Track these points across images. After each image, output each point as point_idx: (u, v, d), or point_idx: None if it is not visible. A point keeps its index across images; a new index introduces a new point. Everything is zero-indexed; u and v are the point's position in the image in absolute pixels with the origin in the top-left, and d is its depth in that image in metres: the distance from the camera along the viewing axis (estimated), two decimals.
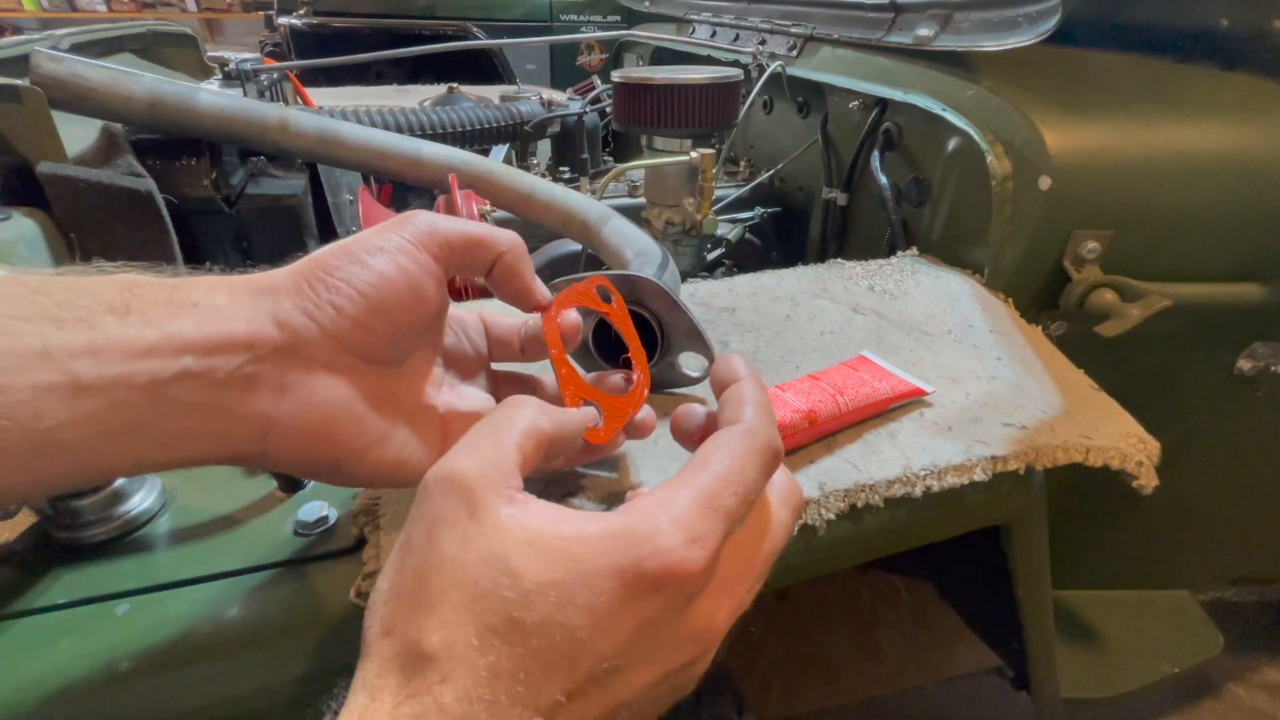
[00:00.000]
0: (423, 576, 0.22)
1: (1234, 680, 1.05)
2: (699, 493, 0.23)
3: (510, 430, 0.25)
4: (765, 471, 0.25)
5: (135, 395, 0.23)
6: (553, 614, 0.21)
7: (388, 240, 0.27)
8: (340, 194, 0.86)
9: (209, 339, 0.24)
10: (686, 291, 0.60)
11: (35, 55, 0.55)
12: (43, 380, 0.21)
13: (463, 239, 0.29)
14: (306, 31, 2.17)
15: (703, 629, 0.24)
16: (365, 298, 0.26)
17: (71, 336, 0.22)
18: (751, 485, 0.24)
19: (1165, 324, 0.58)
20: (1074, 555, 0.79)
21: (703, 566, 0.22)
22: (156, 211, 0.57)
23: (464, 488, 0.23)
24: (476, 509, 0.22)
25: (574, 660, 0.21)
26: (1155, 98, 0.63)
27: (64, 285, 0.23)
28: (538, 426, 0.26)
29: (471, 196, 0.58)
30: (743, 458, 0.24)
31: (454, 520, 0.22)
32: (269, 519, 0.36)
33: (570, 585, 0.21)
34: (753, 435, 0.25)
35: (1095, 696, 0.74)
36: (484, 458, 0.24)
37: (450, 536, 0.22)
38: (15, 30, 3.92)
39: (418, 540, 0.23)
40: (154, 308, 0.24)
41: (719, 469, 0.24)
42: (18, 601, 0.31)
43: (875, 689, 0.74)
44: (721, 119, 0.79)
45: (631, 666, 0.22)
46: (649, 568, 0.21)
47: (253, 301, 0.26)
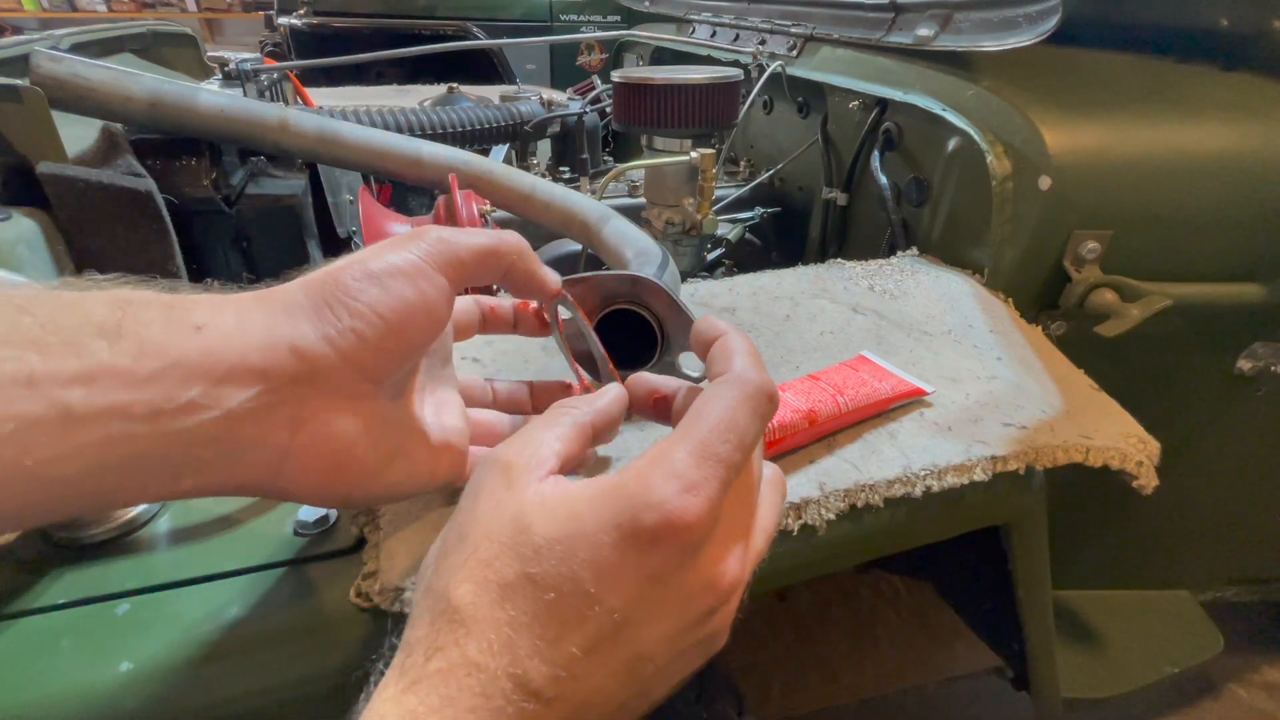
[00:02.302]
0: (462, 535, 0.24)
1: (1234, 680, 1.05)
2: (693, 444, 0.23)
3: (553, 425, 0.27)
4: (760, 416, 0.25)
5: (134, 427, 0.21)
6: (560, 568, 0.22)
7: (405, 260, 0.26)
8: (340, 194, 0.86)
9: (218, 367, 0.23)
10: (686, 291, 0.60)
11: (35, 55, 0.55)
12: (28, 411, 0.20)
13: (475, 255, 0.29)
14: (306, 31, 2.17)
15: (714, 578, 0.24)
16: (386, 323, 0.25)
17: (59, 363, 0.20)
18: (746, 431, 0.24)
19: (1165, 324, 0.58)
20: (1074, 555, 0.79)
21: (700, 515, 0.22)
22: (156, 211, 0.57)
23: (505, 465, 0.25)
24: (512, 482, 0.24)
25: (583, 613, 0.22)
26: (1155, 98, 0.63)
27: (50, 303, 0.21)
28: (575, 418, 0.28)
29: (471, 196, 0.58)
30: (734, 405, 0.24)
31: (493, 489, 0.24)
32: (269, 519, 0.36)
33: (573, 541, 0.22)
34: (742, 382, 0.25)
35: (1095, 696, 0.74)
36: (526, 445, 0.26)
37: (487, 502, 0.24)
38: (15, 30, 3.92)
39: (464, 506, 0.25)
40: (151, 329, 0.22)
41: (711, 419, 0.24)
42: (18, 601, 0.31)
43: (875, 689, 0.74)
44: (721, 119, 0.79)
45: (643, 620, 0.23)
46: (646, 521, 0.22)
47: (267, 324, 0.24)
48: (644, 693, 0.24)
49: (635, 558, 0.22)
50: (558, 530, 0.22)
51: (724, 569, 0.24)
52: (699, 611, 0.24)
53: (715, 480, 0.23)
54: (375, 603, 0.32)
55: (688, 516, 0.22)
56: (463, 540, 0.24)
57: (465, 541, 0.23)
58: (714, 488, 0.23)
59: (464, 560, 0.23)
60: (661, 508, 0.22)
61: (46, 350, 0.20)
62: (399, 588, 0.32)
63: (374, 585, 0.32)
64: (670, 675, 0.25)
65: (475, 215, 0.57)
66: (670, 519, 0.22)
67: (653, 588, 0.22)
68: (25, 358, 0.20)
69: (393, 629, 0.32)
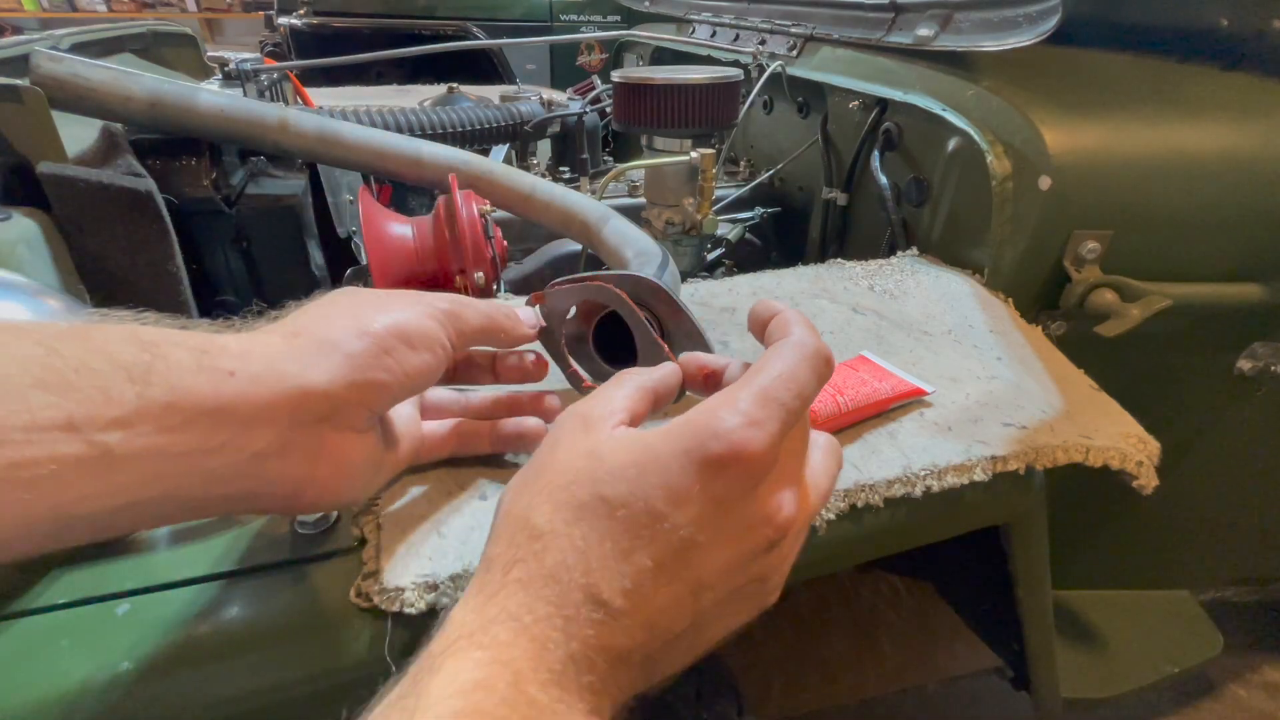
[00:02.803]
0: (539, 469, 0.26)
1: (1234, 680, 1.05)
2: (756, 389, 0.25)
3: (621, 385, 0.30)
4: (818, 375, 0.27)
5: (167, 466, 0.23)
6: (633, 489, 0.24)
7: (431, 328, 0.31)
8: (340, 194, 0.86)
9: (248, 411, 0.25)
10: (686, 291, 0.60)
11: (35, 55, 0.55)
12: (69, 453, 0.21)
13: (476, 329, 0.33)
14: (306, 31, 2.17)
15: (771, 511, 0.25)
16: (407, 377, 0.29)
17: (95, 408, 0.22)
18: (805, 384, 0.26)
19: (1165, 324, 0.58)
20: (1074, 555, 0.79)
21: (763, 447, 0.24)
22: (156, 211, 0.57)
23: (583, 415, 0.27)
24: (589, 428, 0.27)
25: (653, 528, 0.24)
26: (1155, 98, 0.63)
27: (79, 345, 0.22)
28: (641, 384, 0.30)
29: (471, 196, 0.58)
30: (795, 362, 0.26)
31: (571, 433, 0.27)
32: (269, 519, 0.36)
33: (646, 465, 0.24)
34: (803, 344, 0.27)
35: (1095, 696, 0.74)
36: (599, 399, 0.28)
37: (565, 443, 0.27)
38: (15, 30, 3.92)
39: (543, 450, 0.27)
40: (183, 374, 0.24)
41: (774, 371, 0.26)
42: (18, 601, 0.31)
43: (875, 689, 0.74)
44: (721, 119, 0.79)
45: (707, 543, 0.24)
46: (713, 448, 0.24)
47: (297, 370, 0.26)
48: (701, 627, 0.26)
49: (702, 482, 0.24)
50: (631, 457, 0.25)
51: (780, 504, 0.25)
52: (756, 543, 0.25)
53: (776, 420, 0.24)
54: (375, 603, 0.32)
55: (751, 447, 0.24)
56: (540, 473, 0.26)
57: (543, 474, 0.26)
58: (774, 426, 0.24)
59: (542, 487, 0.25)
60: (728, 437, 0.24)
61: (81, 395, 0.22)
62: (399, 588, 0.32)
63: (374, 585, 0.32)
64: (725, 615, 0.26)
65: (475, 215, 0.57)
66: (735, 448, 0.24)
67: (716, 511, 0.24)
68: (63, 404, 0.21)
69: (393, 629, 0.32)
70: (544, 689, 0.22)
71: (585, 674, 0.23)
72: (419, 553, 0.33)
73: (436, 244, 0.58)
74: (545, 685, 0.22)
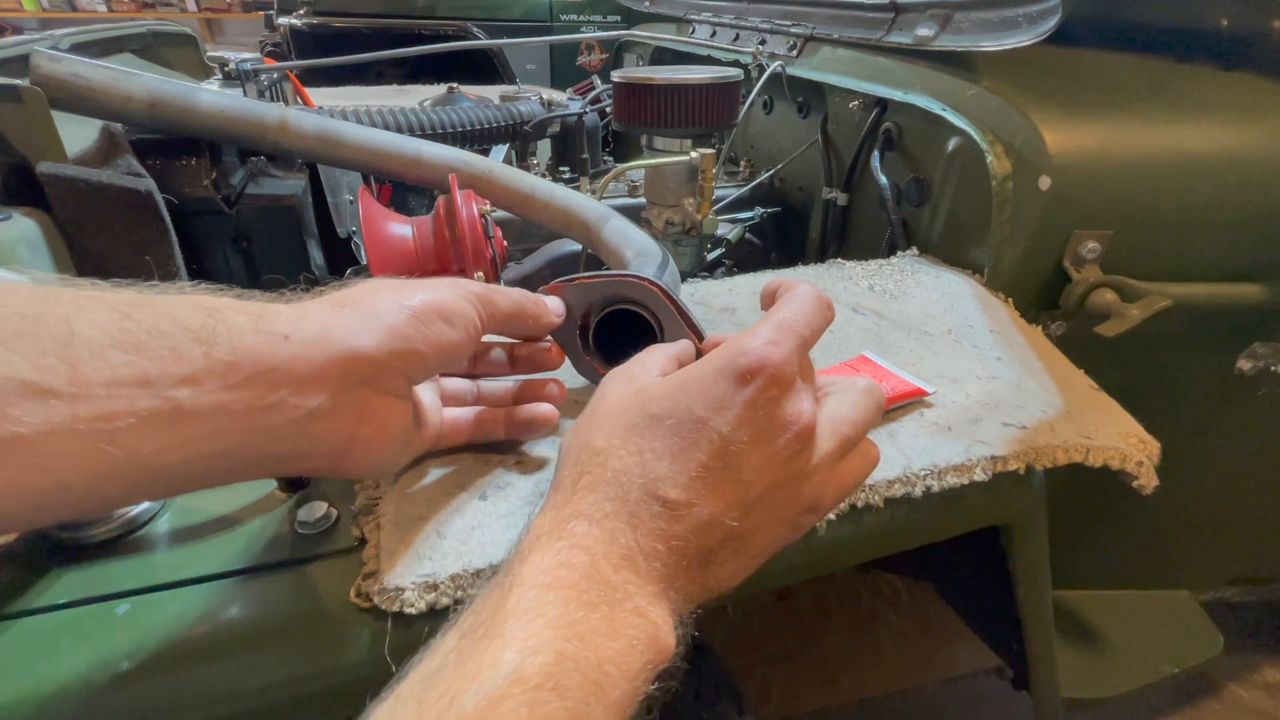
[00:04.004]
0: (593, 410, 0.31)
1: (1234, 680, 1.05)
2: (772, 322, 0.30)
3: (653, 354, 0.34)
4: (823, 316, 0.32)
5: (232, 421, 0.25)
6: (676, 403, 0.29)
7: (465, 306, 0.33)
8: (340, 194, 0.85)
9: (304, 372, 0.27)
10: (686, 291, 0.60)
11: (35, 55, 0.55)
12: (144, 407, 0.23)
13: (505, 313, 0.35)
14: (306, 31, 2.17)
15: (794, 416, 0.29)
16: (441, 349, 0.31)
17: (167, 366, 0.24)
18: (812, 318, 0.31)
19: (1165, 324, 0.58)
20: (1074, 555, 0.79)
21: (783, 358, 0.28)
22: (156, 211, 0.57)
23: (627, 372, 0.33)
24: (633, 379, 0.32)
25: (698, 431, 0.28)
26: (1155, 98, 0.63)
27: (149, 310, 0.24)
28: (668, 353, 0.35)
29: (471, 196, 0.58)
30: (804, 302, 0.31)
31: (618, 384, 0.32)
32: (269, 519, 0.36)
33: (686, 384, 0.29)
34: (807, 292, 0.32)
35: (1095, 696, 0.74)
36: (638, 361, 0.34)
37: (614, 389, 0.32)
38: (15, 30, 3.92)
39: (595, 399, 0.32)
40: (244, 337, 0.26)
41: (786, 308, 0.31)
42: (18, 601, 0.31)
43: (875, 689, 0.74)
44: (721, 119, 0.79)
45: (747, 440, 0.28)
46: (741, 362, 0.28)
47: (346, 337, 0.28)
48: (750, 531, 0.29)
49: (734, 390, 0.28)
50: (672, 383, 0.30)
51: (801, 409, 0.29)
52: (786, 447, 0.29)
53: (792, 341, 0.29)
54: (375, 603, 0.32)
55: (774, 357, 0.28)
56: (594, 411, 0.31)
57: (597, 410, 0.31)
58: (792, 344, 0.29)
59: (598, 419, 0.30)
60: (754, 352, 0.28)
61: (154, 355, 0.24)
62: (399, 588, 0.32)
63: (374, 585, 0.32)
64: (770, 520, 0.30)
65: (475, 215, 0.57)
66: (760, 359, 0.28)
67: (749, 413, 0.28)
68: (138, 362, 0.23)
69: (393, 629, 0.32)
70: (616, 570, 0.26)
71: (652, 560, 0.27)
72: (419, 553, 0.33)
73: (436, 244, 0.58)
74: (618, 567, 0.26)
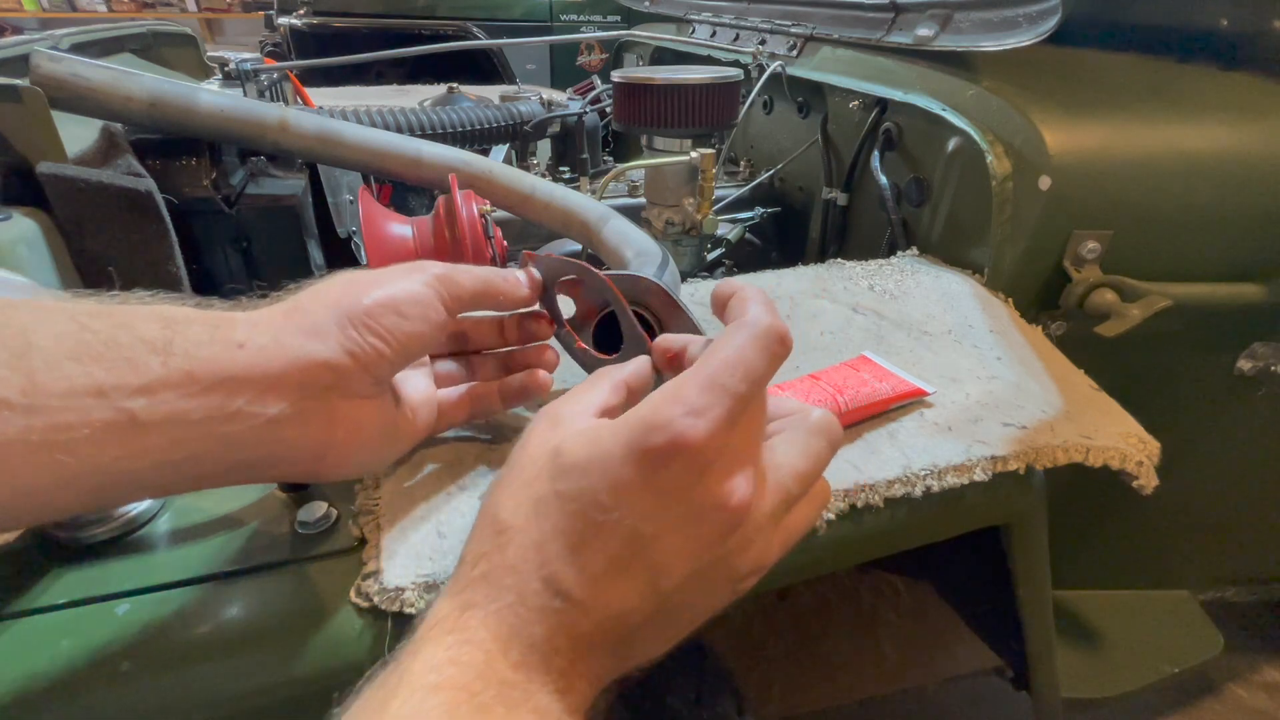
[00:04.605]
0: (510, 466, 0.28)
1: (1234, 680, 1.05)
2: (702, 377, 0.25)
3: (594, 383, 0.31)
4: (770, 356, 0.26)
5: (190, 431, 0.25)
6: (581, 483, 0.25)
7: (419, 293, 0.31)
8: (340, 194, 0.85)
9: (260, 380, 0.26)
10: (686, 291, 0.60)
11: (35, 55, 0.55)
12: (100, 418, 0.23)
13: (471, 292, 0.34)
14: (306, 31, 2.17)
15: (722, 498, 0.25)
16: (399, 343, 0.30)
17: (123, 376, 0.24)
18: (754, 367, 0.26)
19: (1165, 324, 0.58)
20: (1074, 555, 0.79)
21: (704, 436, 0.24)
22: (156, 211, 0.57)
23: (553, 414, 0.29)
24: (557, 425, 0.28)
25: (602, 521, 0.25)
26: (1155, 98, 0.63)
27: (107, 321, 0.25)
28: (614, 380, 0.31)
29: (471, 196, 0.58)
30: (743, 345, 0.26)
31: (541, 432, 0.28)
32: (269, 519, 0.36)
33: (592, 461, 0.25)
34: (753, 325, 0.27)
35: (1095, 696, 0.74)
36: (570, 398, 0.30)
37: (534, 441, 0.28)
38: (15, 30, 3.91)
39: (516, 448, 0.29)
40: (200, 347, 0.26)
41: (720, 356, 0.26)
42: (18, 601, 0.31)
43: (875, 689, 0.74)
44: (721, 119, 0.79)
45: (657, 533, 0.25)
46: (653, 440, 0.24)
47: (301, 344, 0.28)
48: (670, 613, 0.26)
49: (645, 474, 0.24)
50: (583, 453, 0.26)
51: (731, 489, 0.25)
52: (712, 530, 0.25)
53: (720, 407, 0.24)
54: (375, 603, 0.32)
55: (691, 436, 0.24)
56: (510, 469, 0.28)
57: (512, 470, 0.28)
58: (718, 413, 0.24)
59: (509, 483, 0.27)
60: (667, 429, 0.24)
61: (110, 365, 0.24)
62: (399, 587, 0.32)
63: (374, 585, 0.32)
64: (694, 601, 0.27)
65: (475, 215, 0.57)
66: (675, 439, 0.24)
67: (662, 502, 0.25)
68: (93, 373, 0.23)
69: (393, 629, 0.32)
70: (515, 668, 0.23)
71: (552, 658, 0.24)
72: (419, 553, 0.33)
73: (436, 244, 0.58)
74: (517, 665, 0.23)
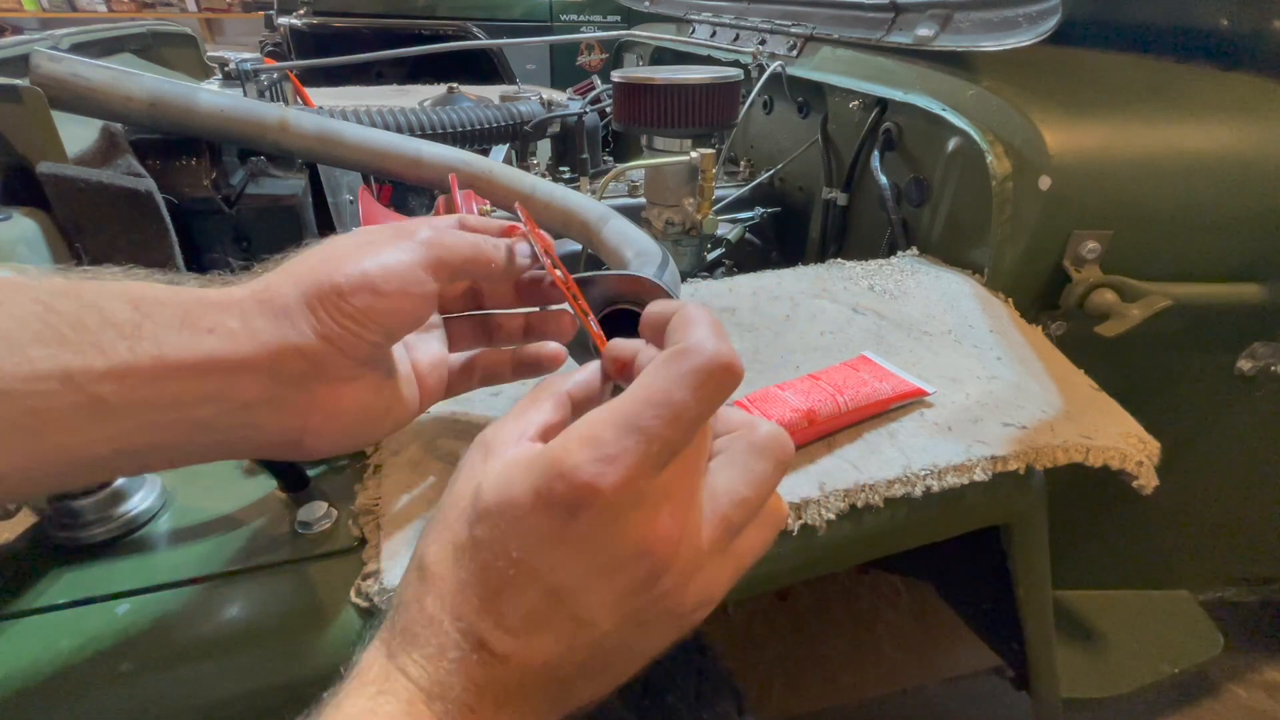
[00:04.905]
0: (441, 505, 0.26)
1: (1234, 680, 1.05)
2: (617, 414, 0.23)
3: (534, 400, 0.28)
4: (709, 391, 0.23)
5: (160, 415, 0.25)
6: (492, 532, 0.23)
7: (399, 263, 0.29)
8: (340, 194, 0.85)
9: (228, 365, 0.26)
10: (686, 291, 0.60)
11: (35, 55, 0.54)
12: (66, 403, 0.23)
13: (462, 259, 0.31)
14: (306, 31, 2.16)
15: (646, 544, 0.23)
16: (382, 326, 0.28)
17: (90, 360, 0.23)
18: (684, 407, 0.22)
19: (1165, 324, 0.58)
20: (1074, 555, 0.79)
21: (612, 485, 0.22)
22: (156, 211, 0.57)
23: (485, 443, 0.26)
24: (488, 456, 0.25)
25: (511, 575, 0.23)
26: (1155, 98, 0.63)
27: (74, 302, 0.24)
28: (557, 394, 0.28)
29: (471, 196, 0.58)
30: (669, 378, 0.23)
31: (471, 465, 0.26)
32: (269, 519, 0.36)
33: (503, 506, 0.23)
34: (691, 354, 0.23)
35: (1095, 696, 0.74)
36: (505, 423, 0.26)
37: (464, 475, 0.26)
38: (15, 30, 3.91)
39: (450, 482, 0.26)
40: (168, 332, 0.25)
41: (641, 391, 0.23)
42: (18, 601, 0.31)
43: (875, 689, 0.74)
44: (721, 119, 0.79)
45: (579, 585, 0.23)
46: (558, 488, 0.22)
47: (269, 327, 0.27)
48: (606, 655, 0.24)
49: (553, 524, 0.22)
50: (494, 497, 0.23)
51: (655, 535, 0.23)
52: (636, 577, 0.23)
53: (633, 452, 0.22)
54: (375, 603, 0.32)
55: (600, 484, 0.22)
56: (440, 509, 0.26)
57: (441, 510, 0.25)
58: (631, 460, 0.22)
59: (437, 523, 0.25)
60: (572, 477, 0.22)
61: (76, 349, 0.23)
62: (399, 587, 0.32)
63: (374, 585, 0.32)
64: (635, 640, 0.24)
65: (475, 215, 0.57)
66: (581, 487, 0.22)
67: (575, 552, 0.22)
68: (59, 356, 0.23)
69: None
70: None
71: (478, 708, 0.22)
72: None
73: None
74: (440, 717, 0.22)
